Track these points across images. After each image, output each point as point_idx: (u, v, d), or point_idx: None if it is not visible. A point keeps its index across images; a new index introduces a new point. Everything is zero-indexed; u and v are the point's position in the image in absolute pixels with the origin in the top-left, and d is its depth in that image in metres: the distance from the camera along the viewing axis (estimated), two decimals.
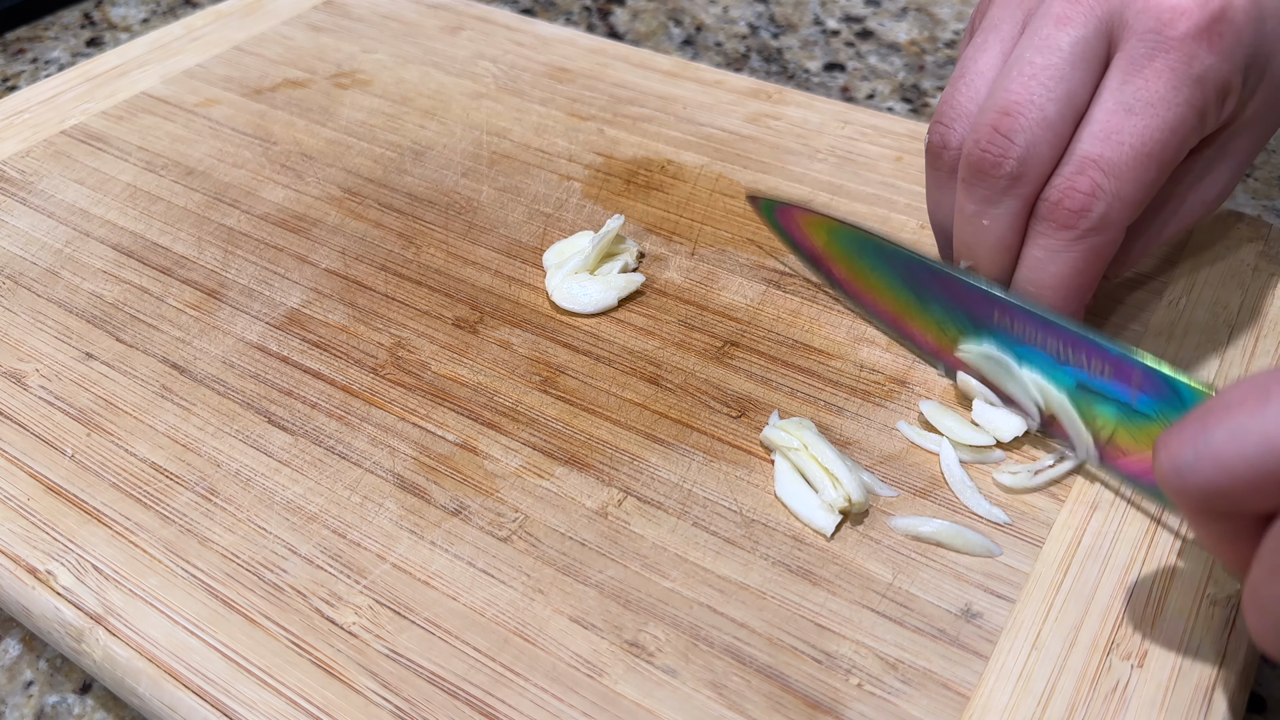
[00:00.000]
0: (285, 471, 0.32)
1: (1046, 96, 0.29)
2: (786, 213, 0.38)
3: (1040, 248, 0.30)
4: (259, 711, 0.26)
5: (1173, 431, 0.23)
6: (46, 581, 0.29)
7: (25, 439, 0.34)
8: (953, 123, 0.32)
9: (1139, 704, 0.26)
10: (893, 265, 0.34)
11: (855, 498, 0.30)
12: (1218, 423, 0.22)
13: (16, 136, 0.48)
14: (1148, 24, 0.28)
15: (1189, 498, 0.23)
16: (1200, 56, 0.28)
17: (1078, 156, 0.29)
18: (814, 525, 0.30)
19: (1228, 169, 0.33)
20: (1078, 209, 0.29)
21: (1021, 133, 0.29)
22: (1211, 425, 0.22)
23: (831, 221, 0.36)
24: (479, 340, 0.37)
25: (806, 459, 0.31)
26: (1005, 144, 0.30)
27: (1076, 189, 0.29)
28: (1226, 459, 0.22)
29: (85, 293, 0.39)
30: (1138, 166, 0.29)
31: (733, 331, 0.37)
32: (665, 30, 0.62)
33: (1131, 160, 0.29)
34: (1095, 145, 0.29)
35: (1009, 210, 0.31)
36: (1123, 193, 0.29)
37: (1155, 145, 0.29)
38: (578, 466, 0.32)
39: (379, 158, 0.46)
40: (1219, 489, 0.22)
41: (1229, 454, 0.22)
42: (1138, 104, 0.28)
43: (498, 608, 0.29)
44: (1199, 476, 0.22)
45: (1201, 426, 0.22)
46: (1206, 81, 0.28)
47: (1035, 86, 0.29)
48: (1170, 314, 0.37)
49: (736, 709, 0.26)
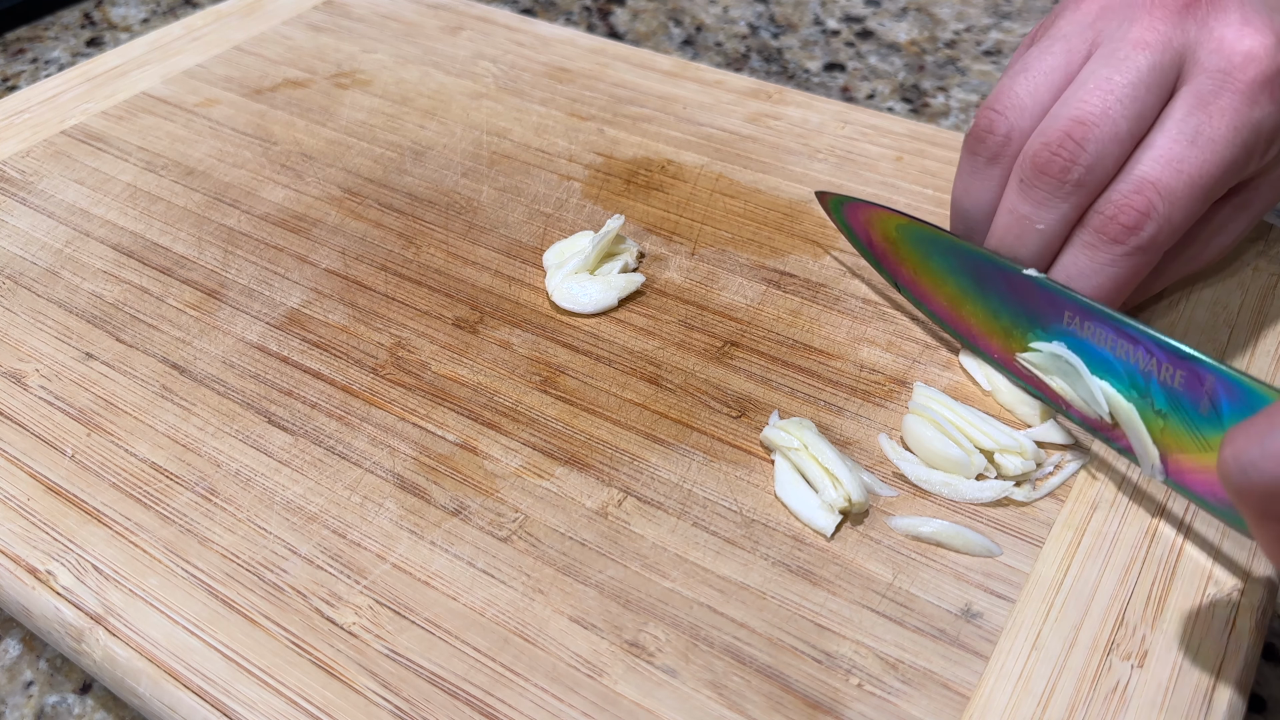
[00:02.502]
0: (285, 471, 0.32)
1: (1121, 113, 0.30)
2: (854, 209, 0.37)
3: (1086, 258, 0.31)
4: (259, 711, 0.26)
5: (1240, 428, 0.23)
6: (46, 581, 0.29)
7: (25, 439, 0.34)
8: (1006, 111, 0.33)
9: (1139, 704, 0.26)
10: (960, 263, 0.34)
11: (855, 498, 0.30)
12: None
13: (16, 136, 0.48)
14: (1219, 64, 0.30)
15: (1251, 496, 0.23)
16: (1262, 103, 0.30)
17: (1136, 176, 0.30)
18: (814, 525, 0.30)
19: (1248, 216, 0.34)
20: (1130, 225, 0.30)
21: (1094, 142, 0.30)
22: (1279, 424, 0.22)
23: (900, 218, 0.35)
24: (479, 340, 0.37)
25: (806, 459, 0.31)
26: (1077, 150, 0.30)
27: (1132, 206, 0.30)
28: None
29: (85, 293, 0.39)
30: (1190, 196, 0.30)
31: (733, 331, 0.37)
32: (665, 30, 0.62)
33: (1187, 189, 0.30)
34: (1155, 169, 0.30)
35: (1062, 216, 0.31)
36: (1173, 218, 0.30)
37: (1209, 179, 0.30)
38: (578, 466, 0.32)
39: (379, 158, 0.46)
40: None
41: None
42: (1200, 137, 0.30)
43: (498, 608, 0.29)
44: (1263, 474, 0.22)
45: (1270, 424, 0.22)
46: (1261, 128, 0.30)
47: (1112, 101, 0.30)
48: (1170, 314, 0.37)
49: (736, 709, 0.26)
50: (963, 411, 0.32)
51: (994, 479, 0.31)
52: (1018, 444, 0.31)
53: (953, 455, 0.31)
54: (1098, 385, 0.30)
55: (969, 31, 0.61)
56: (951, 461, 0.31)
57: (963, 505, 0.31)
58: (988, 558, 0.30)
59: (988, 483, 0.31)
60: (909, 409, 0.33)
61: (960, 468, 0.31)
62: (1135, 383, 0.30)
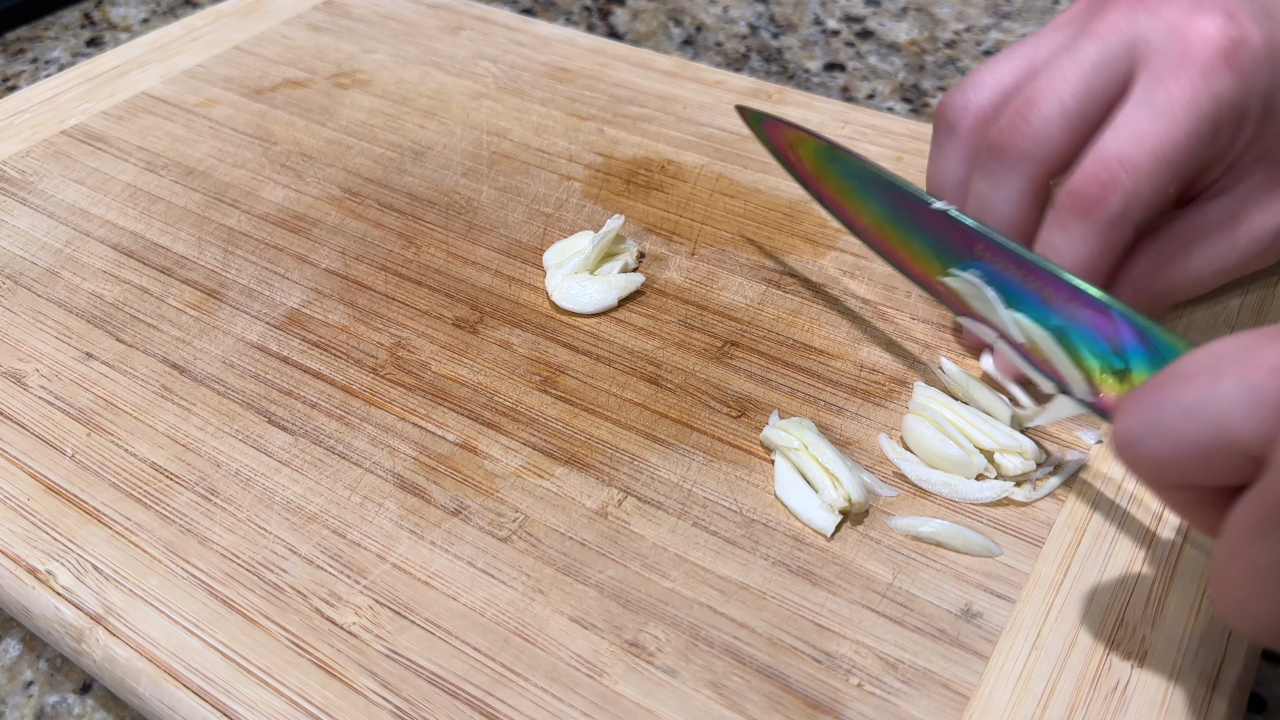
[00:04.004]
0: (285, 471, 0.32)
1: (1067, 91, 0.32)
2: (774, 128, 0.37)
3: (1058, 236, 0.32)
4: (259, 711, 0.26)
5: (1130, 398, 0.23)
6: (46, 581, 0.29)
7: (25, 439, 0.34)
8: (965, 88, 0.35)
9: (1139, 704, 0.26)
10: (878, 192, 0.34)
11: (855, 497, 0.30)
12: (1171, 397, 0.22)
13: (16, 136, 0.48)
14: (1174, 45, 0.31)
15: (1140, 469, 0.23)
16: (1220, 74, 0.30)
17: (1098, 150, 0.31)
18: (814, 525, 0.30)
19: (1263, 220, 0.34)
20: (1095, 198, 0.31)
21: (1039, 118, 0.32)
22: (1165, 399, 0.22)
23: (818, 142, 0.36)
24: (479, 340, 0.37)
25: (806, 459, 0.31)
26: (1022, 124, 0.32)
27: (1096, 179, 0.31)
28: (1177, 436, 0.22)
29: (85, 293, 0.39)
30: (1155, 166, 0.30)
31: (733, 331, 0.37)
32: (665, 30, 0.62)
33: (1150, 159, 0.30)
34: (1116, 141, 0.31)
35: (1017, 191, 0.33)
36: (1139, 190, 0.30)
37: (1172, 149, 0.30)
38: (578, 466, 0.32)
39: (379, 158, 0.46)
40: (1169, 463, 0.22)
41: (1179, 431, 0.22)
42: (1159, 108, 0.30)
43: (498, 608, 0.29)
44: (1149, 450, 0.22)
45: (1156, 398, 0.22)
46: (1223, 99, 0.30)
47: (1058, 80, 0.32)
48: (1170, 313, 0.37)
49: (736, 709, 0.26)
50: (963, 411, 0.32)
51: (994, 479, 0.31)
52: (1018, 444, 0.31)
53: (952, 455, 0.31)
54: (1009, 316, 0.31)
55: (969, 31, 0.61)
56: (951, 461, 0.31)
57: (963, 505, 0.31)
58: (988, 558, 0.30)
59: (988, 483, 0.31)
60: (909, 409, 0.33)
61: (960, 468, 0.31)
62: (1047, 315, 0.30)
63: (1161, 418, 0.22)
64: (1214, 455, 0.21)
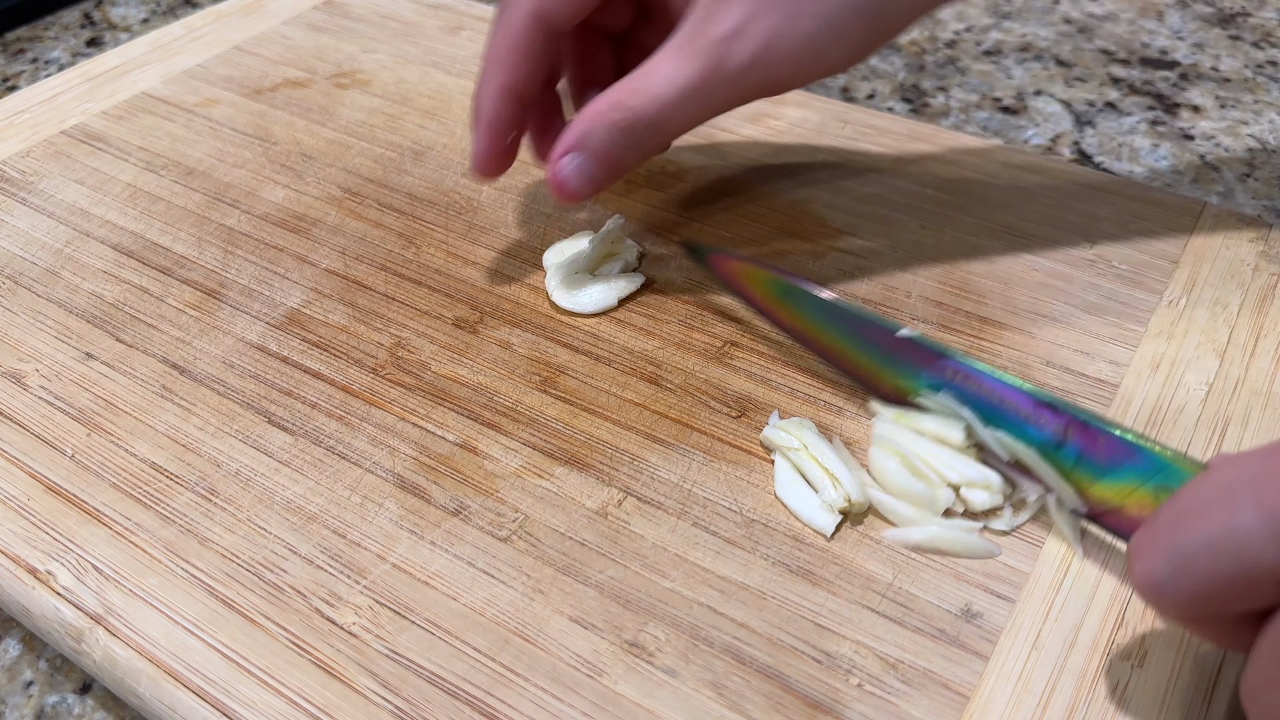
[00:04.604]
0: (285, 471, 0.32)
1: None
2: (718, 261, 0.36)
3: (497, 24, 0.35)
4: (259, 711, 0.26)
5: (1145, 540, 0.23)
6: (46, 581, 0.29)
7: (25, 439, 0.34)
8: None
9: (1139, 704, 0.26)
10: (834, 319, 0.33)
11: (855, 497, 0.30)
12: (1188, 533, 0.22)
13: (16, 136, 0.48)
14: None
15: (1169, 612, 0.23)
16: None
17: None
18: (814, 525, 0.30)
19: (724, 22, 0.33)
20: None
21: None
22: (1182, 537, 0.22)
23: (772, 275, 0.34)
24: (479, 340, 0.37)
25: (806, 459, 0.31)
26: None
27: None
28: (1202, 575, 0.22)
29: (85, 293, 0.39)
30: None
31: (733, 331, 0.37)
32: None
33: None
34: None
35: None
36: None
37: None
38: (578, 466, 0.32)
39: (379, 158, 0.46)
40: (1199, 602, 0.22)
41: (1204, 570, 0.22)
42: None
43: (498, 608, 0.29)
44: (1177, 593, 0.22)
45: (1173, 538, 0.22)
46: None
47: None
48: (1170, 314, 0.37)
49: (736, 709, 0.26)
50: (928, 443, 0.31)
51: (961, 515, 0.30)
52: (983, 478, 0.30)
53: (918, 492, 0.30)
54: (991, 435, 0.30)
55: (969, 31, 0.61)
56: (918, 497, 0.30)
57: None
58: (987, 558, 0.30)
59: (955, 522, 0.30)
60: (873, 440, 0.32)
61: (927, 503, 0.30)
62: (1029, 432, 0.30)
63: (1184, 558, 0.22)
64: (1241, 588, 0.21)
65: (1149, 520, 0.23)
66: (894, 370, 0.32)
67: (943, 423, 0.31)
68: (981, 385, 0.30)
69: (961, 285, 0.39)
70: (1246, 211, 0.43)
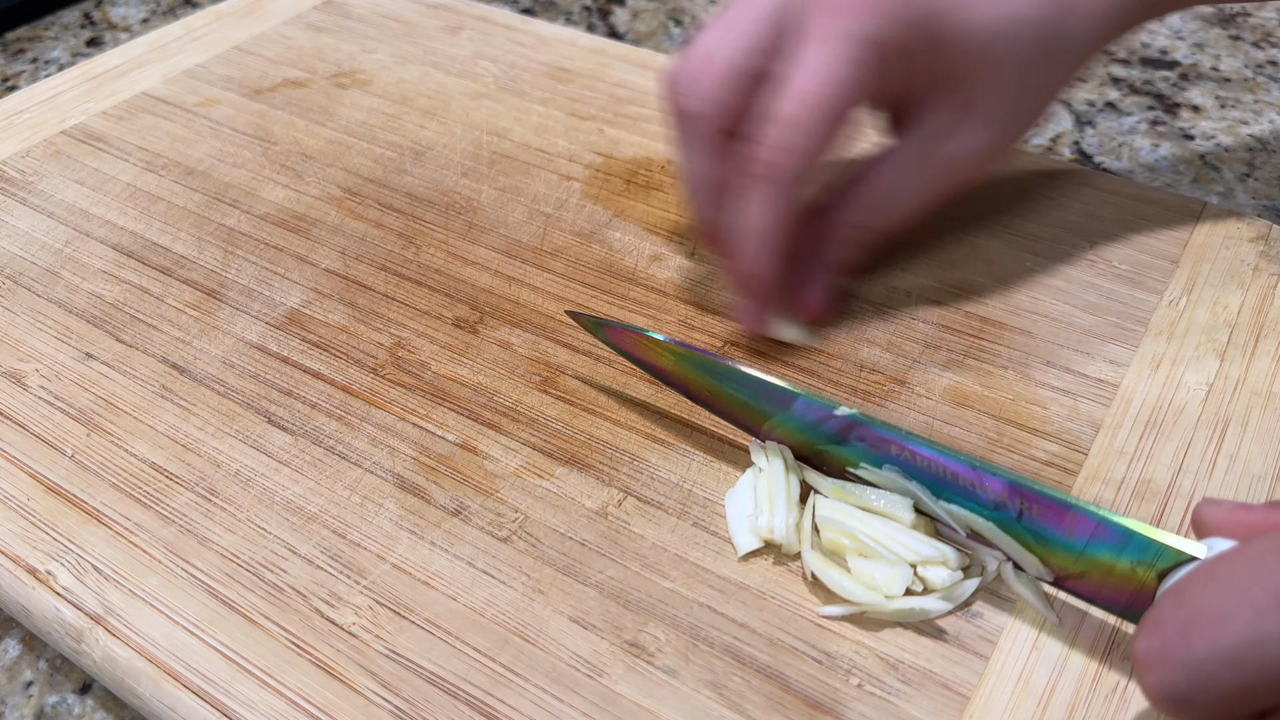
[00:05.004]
0: (285, 471, 0.32)
1: (732, 45, 0.33)
2: (618, 334, 0.34)
3: (740, 197, 0.33)
4: (259, 711, 0.26)
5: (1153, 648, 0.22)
6: (46, 581, 0.29)
7: (25, 439, 0.34)
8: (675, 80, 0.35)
9: (1139, 704, 0.26)
10: (757, 392, 0.31)
11: (775, 536, 0.29)
12: (1207, 645, 0.21)
13: (16, 136, 0.48)
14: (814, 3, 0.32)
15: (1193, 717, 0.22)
16: (865, 19, 0.31)
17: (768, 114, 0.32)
18: (735, 539, 0.30)
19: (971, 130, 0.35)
20: (760, 159, 0.32)
21: (708, 78, 0.33)
22: (1200, 649, 0.21)
23: (672, 347, 0.32)
24: (479, 340, 0.37)
25: (763, 480, 0.31)
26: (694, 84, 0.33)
27: (760, 140, 0.32)
28: (1226, 688, 0.21)
29: (85, 293, 0.39)
30: (813, 119, 0.31)
31: (732, 332, 0.37)
32: (665, 30, 0.62)
33: (809, 114, 0.31)
34: (779, 103, 0.32)
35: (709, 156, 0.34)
36: (797, 144, 0.32)
37: (824, 99, 0.31)
38: (578, 466, 0.32)
39: (379, 158, 0.46)
40: (1221, 712, 0.21)
41: (1228, 683, 0.21)
42: (811, 61, 0.32)
43: (498, 608, 0.29)
44: (1198, 706, 0.21)
45: (1188, 649, 0.21)
46: (870, 41, 0.31)
47: (723, 37, 0.33)
48: (1170, 314, 0.37)
49: (736, 709, 0.26)
50: (873, 521, 0.29)
51: (921, 593, 0.28)
52: (940, 553, 0.28)
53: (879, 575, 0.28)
54: (943, 509, 0.29)
55: None
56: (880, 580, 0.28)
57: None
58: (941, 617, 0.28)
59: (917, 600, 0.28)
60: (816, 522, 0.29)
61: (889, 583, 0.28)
62: (986, 505, 0.28)
63: (1204, 673, 0.21)
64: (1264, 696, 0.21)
65: (1152, 623, 0.22)
66: (830, 444, 0.30)
67: (889, 499, 0.29)
68: (930, 461, 0.29)
69: (961, 285, 0.39)
70: (1246, 211, 0.43)
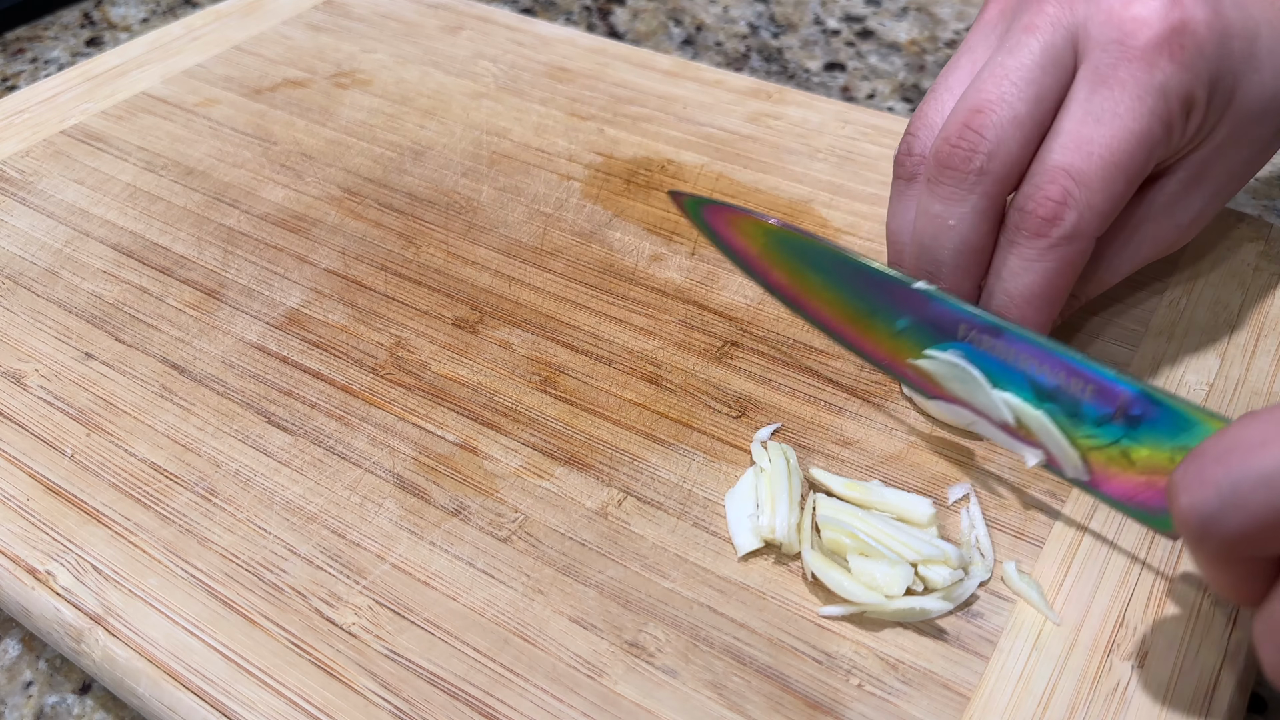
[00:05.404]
0: (285, 471, 0.32)
1: (1017, 95, 0.29)
2: (715, 213, 0.34)
3: (1014, 258, 0.30)
4: (259, 712, 0.26)
5: (1190, 472, 0.22)
6: (46, 582, 0.29)
7: (25, 439, 0.34)
8: (918, 131, 0.32)
9: (1139, 704, 0.26)
10: (840, 274, 0.32)
11: (777, 536, 0.29)
12: (1242, 466, 0.21)
13: (16, 136, 0.48)
14: (1111, 35, 0.29)
15: (1215, 546, 0.22)
16: (1161, 66, 0.29)
17: (1048, 165, 0.29)
18: (735, 539, 0.30)
19: (1202, 195, 0.33)
20: (1049, 217, 0.29)
21: (992, 128, 0.29)
22: (1235, 469, 0.21)
23: (768, 225, 0.33)
24: (479, 340, 0.37)
25: (764, 480, 0.31)
26: (975, 138, 0.30)
27: (1048, 197, 0.29)
28: (1257, 508, 0.21)
29: (85, 293, 0.39)
30: (1106, 176, 0.29)
31: (732, 331, 0.37)
32: (665, 30, 0.62)
33: (1100, 169, 0.29)
34: (1065, 155, 0.29)
35: (974, 209, 0.30)
36: (1093, 202, 0.29)
37: (1123, 155, 0.29)
38: (578, 466, 0.32)
39: (379, 158, 0.46)
40: (1246, 538, 0.22)
41: (1259, 503, 0.21)
42: (1105, 114, 0.29)
43: (498, 608, 0.29)
44: (1226, 526, 0.22)
45: (1224, 469, 0.21)
46: (1169, 92, 0.29)
47: (1006, 85, 0.30)
48: (1170, 314, 0.37)
49: (736, 709, 0.26)
50: (874, 520, 0.29)
51: (922, 593, 0.28)
52: (941, 552, 0.28)
53: (879, 574, 0.28)
54: (999, 396, 0.29)
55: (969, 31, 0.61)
56: (879, 580, 0.28)
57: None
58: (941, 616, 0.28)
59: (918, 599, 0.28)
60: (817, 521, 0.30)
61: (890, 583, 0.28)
62: (1042, 393, 0.28)
63: (1237, 491, 0.21)
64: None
65: (1192, 456, 0.23)
66: (899, 328, 0.31)
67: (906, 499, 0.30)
68: (995, 341, 0.29)
69: None
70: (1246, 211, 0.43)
